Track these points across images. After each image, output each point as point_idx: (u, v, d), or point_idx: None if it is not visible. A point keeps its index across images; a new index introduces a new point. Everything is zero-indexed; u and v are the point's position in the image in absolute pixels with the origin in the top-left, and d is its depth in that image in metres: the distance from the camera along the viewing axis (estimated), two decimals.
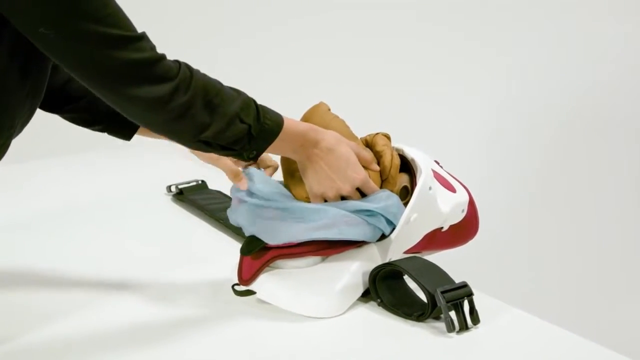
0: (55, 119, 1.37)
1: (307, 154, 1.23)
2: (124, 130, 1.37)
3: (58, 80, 1.33)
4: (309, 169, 1.24)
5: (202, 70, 1.15)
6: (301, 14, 2.83)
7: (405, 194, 1.30)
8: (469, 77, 2.85)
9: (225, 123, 1.12)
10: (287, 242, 1.24)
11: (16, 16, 1.03)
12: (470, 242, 1.40)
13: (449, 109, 2.86)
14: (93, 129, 1.39)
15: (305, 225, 1.23)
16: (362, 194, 1.28)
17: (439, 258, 1.29)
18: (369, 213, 1.24)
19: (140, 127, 1.37)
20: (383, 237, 1.28)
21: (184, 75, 1.09)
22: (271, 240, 1.24)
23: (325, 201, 1.26)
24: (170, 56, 1.38)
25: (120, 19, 1.05)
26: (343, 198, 1.26)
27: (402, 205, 1.27)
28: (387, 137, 1.33)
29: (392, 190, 1.28)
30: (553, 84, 2.83)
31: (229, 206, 1.58)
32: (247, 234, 1.27)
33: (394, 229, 1.27)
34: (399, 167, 1.30)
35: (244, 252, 1.26)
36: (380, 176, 1.30)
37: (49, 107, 1.35)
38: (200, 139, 1.13)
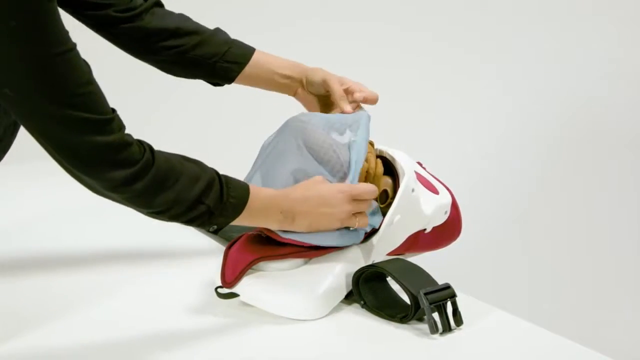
0: None
1: (290, 218, 1.21)
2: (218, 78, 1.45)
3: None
4: (303, 222, 1.21)
5: None
6: (298, 21, 2.83)
7: (385, 198, 1.30)
8: (466, 85, 2.86)
9: (184, 207, 1.13)
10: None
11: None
12: (454, 244, 1.41)
13: (444, 116, 2.86)
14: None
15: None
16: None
17: (422, 260, 1.29)
18: None
19: (241, 77, 1.43)
20: (366, 239, 1.28)
21: (145, 164, 1.09)
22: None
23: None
24: None
25: (92, 100, 1.05)
26: None
27: (379, 209, 1.28)
28: (371, 143, 1.33)
29: None
30: (551, 92, 2.84)
31: None
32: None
33: (372, 229, 1.27)
34: (382, 175, 1.30)
35: None
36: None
37: (143, 52, 1.41)
38: (157, 218, 1.15)
